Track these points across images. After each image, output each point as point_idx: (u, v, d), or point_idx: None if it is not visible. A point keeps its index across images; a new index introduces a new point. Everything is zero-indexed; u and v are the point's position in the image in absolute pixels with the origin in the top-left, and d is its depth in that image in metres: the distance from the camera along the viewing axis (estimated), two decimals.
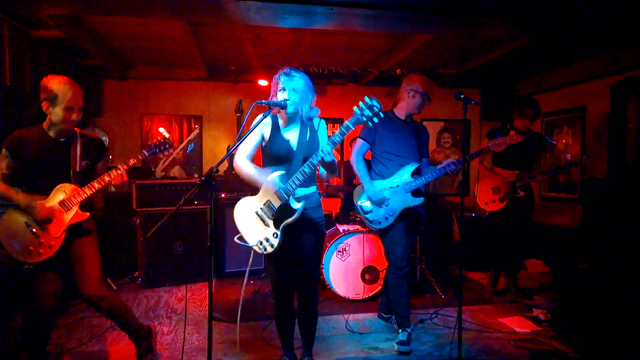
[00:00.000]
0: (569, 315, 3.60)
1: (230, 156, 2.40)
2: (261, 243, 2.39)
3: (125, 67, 5.26)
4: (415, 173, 3.17)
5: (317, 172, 2.48)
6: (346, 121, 2.19)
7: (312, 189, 2.55)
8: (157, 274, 4.49)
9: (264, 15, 3.12)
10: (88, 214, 2.57)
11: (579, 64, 4.81)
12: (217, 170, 2.10)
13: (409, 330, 3.18)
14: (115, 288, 4.41)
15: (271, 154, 2.49)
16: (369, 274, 4.03)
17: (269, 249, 2.37)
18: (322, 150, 2.22)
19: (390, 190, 3.15)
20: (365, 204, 3.19)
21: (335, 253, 4.00)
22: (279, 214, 2.36)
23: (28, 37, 3.75)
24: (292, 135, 2.49)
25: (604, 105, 4.60)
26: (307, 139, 2.47)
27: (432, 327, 3.51)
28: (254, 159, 2.53)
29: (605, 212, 4.31)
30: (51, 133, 2.54)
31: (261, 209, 2.41)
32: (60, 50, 4.31)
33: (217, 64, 5.25)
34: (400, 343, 3.10)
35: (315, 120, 2.56)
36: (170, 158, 5.60)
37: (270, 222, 2.38)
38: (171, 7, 3.03)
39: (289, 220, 2.34)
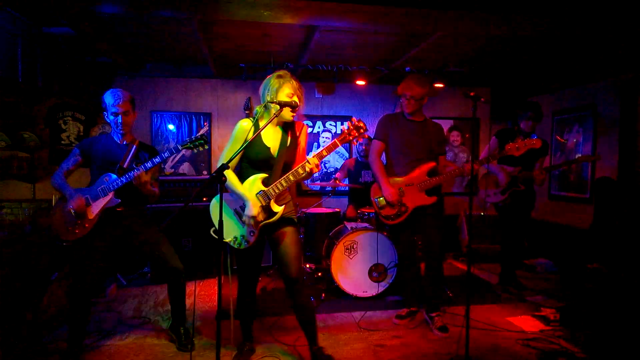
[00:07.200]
0: (577, 315, 3.57)
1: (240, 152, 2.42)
2: (236, 239, 2.52)
3: (135, 65, 5.29)
4: (433, 172, 3.34)
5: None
6: (335, 139, 2.39)
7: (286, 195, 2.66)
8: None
9: (273, 12, 3.12)
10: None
11: (590, 63, 4.76)
12: (228, 167, 2.12)
13: (413, 310, 3.59)
14: (125, 283, 4.46)
15: (250, 158, 2.53)
16: (376, 271, 4.03)
17: (244, 245, 2.50)
18: (308, 162, 2.36)
19: (405, 187, 3.35)
20: (380, 199, 3.44)
21: (343, 251, 4.01)
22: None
23: (40, 34, 3.78)
24: (272, 141, 2.55)
25: (614, 104, 4.57)
26: (288, 145, 2.56)
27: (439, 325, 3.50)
28: (236, 167, 2.61)
29: (616, 211, 4.28)
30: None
31: (241, 207, 2.51)
32: (71, 47, 4.35)
33: (226, 62, 5.25)
34: (397, 316, 3.57)
35: (299, 126, 2.65)
36: (180, 155, 5.63)
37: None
38: (180, 3, 3.04)
39: (269, 220, 2.47)
